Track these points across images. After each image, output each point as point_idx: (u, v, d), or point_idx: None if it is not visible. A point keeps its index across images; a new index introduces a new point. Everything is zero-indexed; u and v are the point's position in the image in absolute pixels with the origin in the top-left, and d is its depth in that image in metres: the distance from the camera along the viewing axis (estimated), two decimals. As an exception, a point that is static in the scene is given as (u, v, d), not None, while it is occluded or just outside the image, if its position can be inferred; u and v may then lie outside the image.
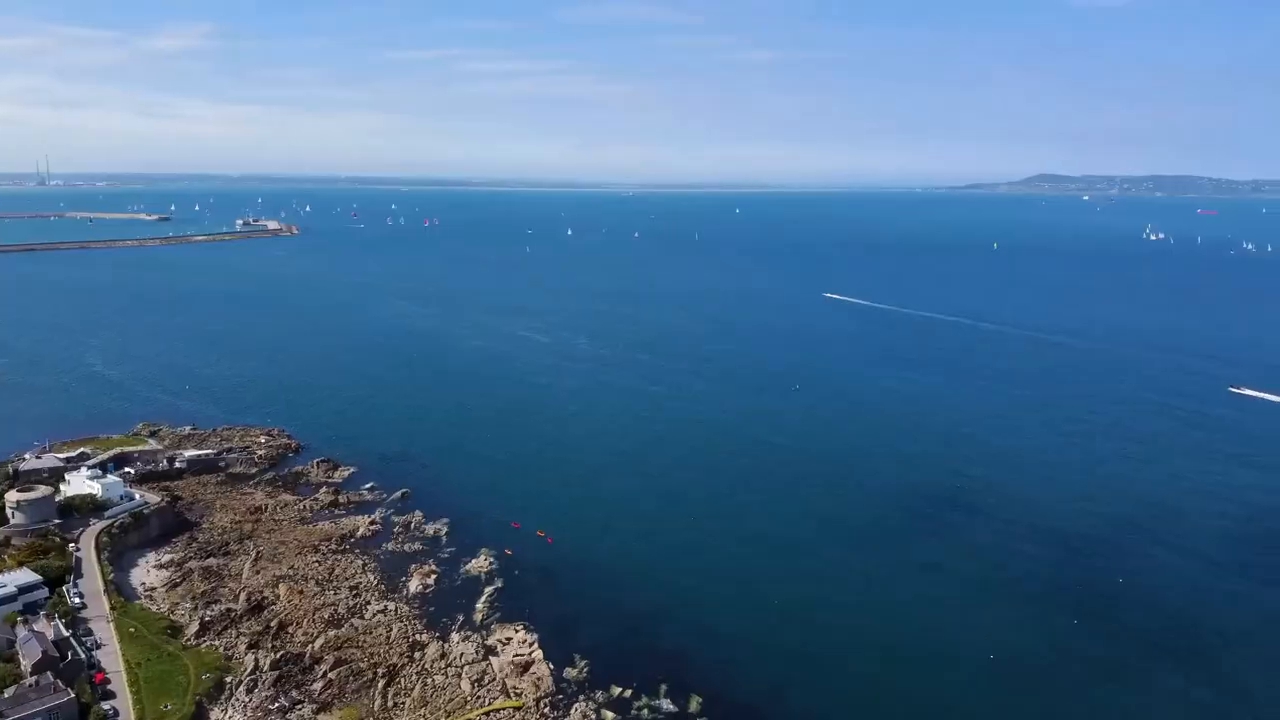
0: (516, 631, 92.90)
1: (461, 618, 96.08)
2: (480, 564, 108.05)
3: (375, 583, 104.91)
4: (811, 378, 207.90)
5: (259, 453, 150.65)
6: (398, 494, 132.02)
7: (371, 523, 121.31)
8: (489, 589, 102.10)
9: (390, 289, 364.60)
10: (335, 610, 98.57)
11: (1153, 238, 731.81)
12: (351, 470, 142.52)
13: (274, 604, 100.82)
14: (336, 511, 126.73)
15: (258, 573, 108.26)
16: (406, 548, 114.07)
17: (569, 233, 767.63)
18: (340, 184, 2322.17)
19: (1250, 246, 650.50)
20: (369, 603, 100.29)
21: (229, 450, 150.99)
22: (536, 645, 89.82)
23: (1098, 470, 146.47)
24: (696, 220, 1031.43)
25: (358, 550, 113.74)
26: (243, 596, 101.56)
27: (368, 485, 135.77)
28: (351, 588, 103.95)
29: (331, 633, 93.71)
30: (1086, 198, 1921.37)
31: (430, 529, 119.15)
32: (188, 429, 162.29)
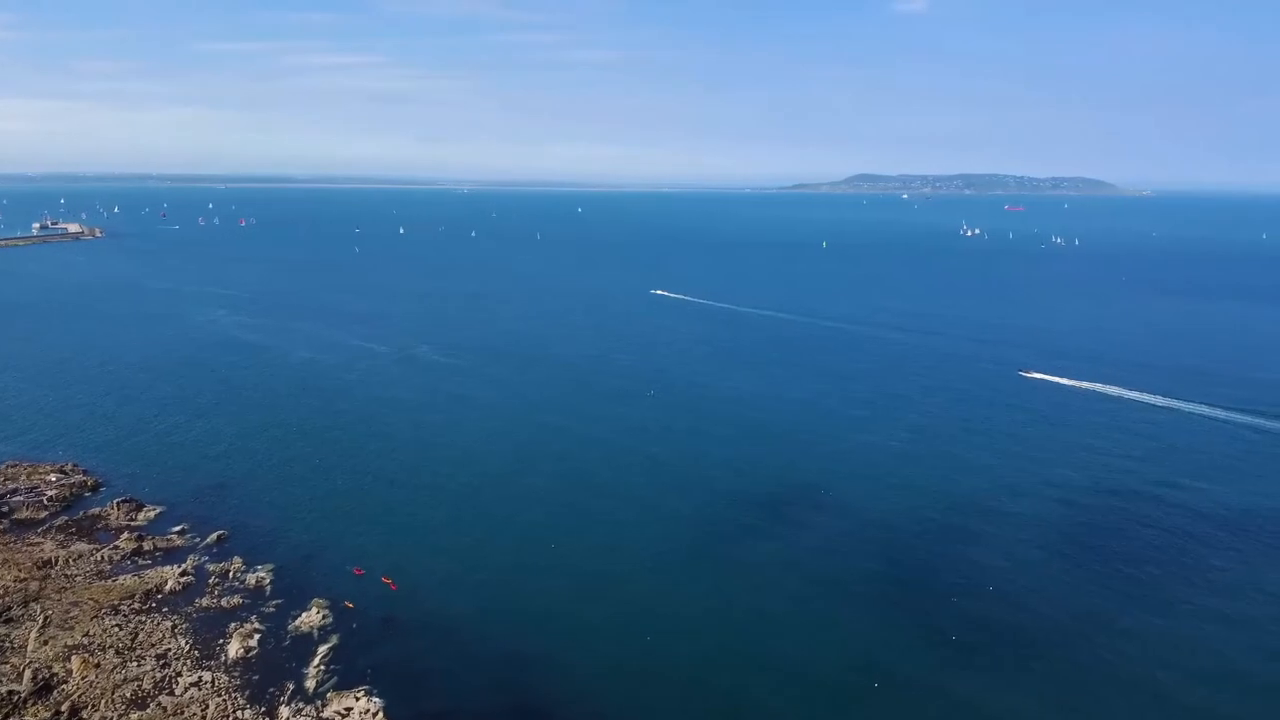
0: (357, 699, 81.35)
1: (292, 686, 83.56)
2: (312, 618, 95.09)
3: (187, 648, 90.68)
4: (663, 381, 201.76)
5: (49, 493, 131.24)
6: (213, 536, 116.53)
7: (182, 573, 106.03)
8: (323, 648, 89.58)
9: (202, 295, 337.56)
10: (139, 686, 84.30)
11: (969, 234, 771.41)
12: (159, 510, 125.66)
13: (65, 682, 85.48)
14: (141, 561, 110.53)
15: (46, 643, 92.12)
16: (224, 602, 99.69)
17: (401, 231, 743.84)
18: (151, 182, 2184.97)
19: (1059, 240, 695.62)
20: (180, 674, 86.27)
21: (13, 492, 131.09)
22: (381, 714, 78.76)
23: (921, 464, 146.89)
24: (538, 219, 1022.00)
25: (166, 609, 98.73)
26: (28, 674, 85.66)
27: (177, 527, 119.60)
28: (159, 656, 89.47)
29: (135, 715, 79.77)
30: (906, 195, 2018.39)
31: (251, 578, 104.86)
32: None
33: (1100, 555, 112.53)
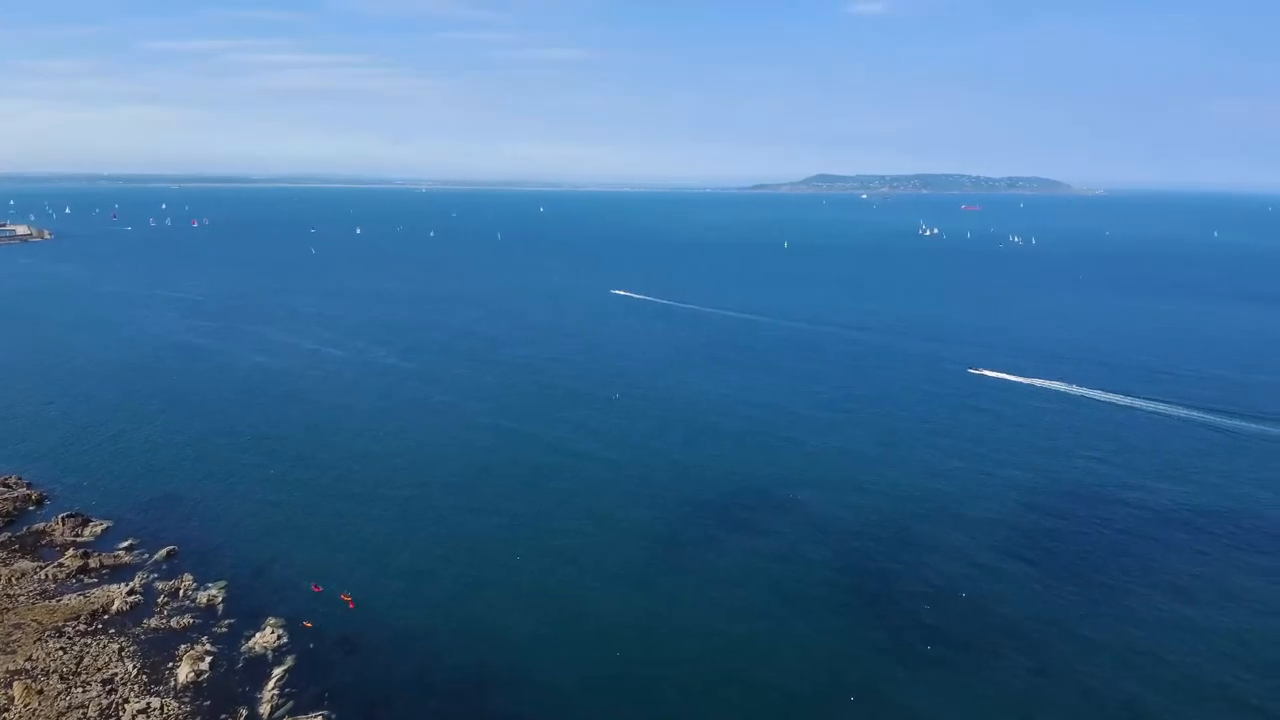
0: (313, 724, 78.62)
1: (245, 712, 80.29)
2: (266, 638, 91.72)
3: (135, 673, 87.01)
4: (624, 384, 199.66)
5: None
6: (162, 552, 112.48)
7: (130, 592, 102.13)
8: (278, 670, 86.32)
9: (153, 299, 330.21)
10: (84, 714, 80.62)
11: (927, 233, 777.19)
12: (106, 524, 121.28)
13: (6, 710, 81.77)
14: (87, 580, 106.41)
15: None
16: (174, 623, 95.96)
17: (358, 231, 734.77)
18: (103, 183, 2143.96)
19: (1017, 240, 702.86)
20: (127, 700, 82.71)
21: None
22: (338, 739, 76.23)
23: (880, 466, 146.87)
24: (499, 218, 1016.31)
25: (113, 630, 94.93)
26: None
27: (125, 543, 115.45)
28: (105, 682, 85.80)
29: (78, 745, 76.49)
30: (864, 195, 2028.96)
31: (203, 596, 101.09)
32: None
33: (1060, 559, 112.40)
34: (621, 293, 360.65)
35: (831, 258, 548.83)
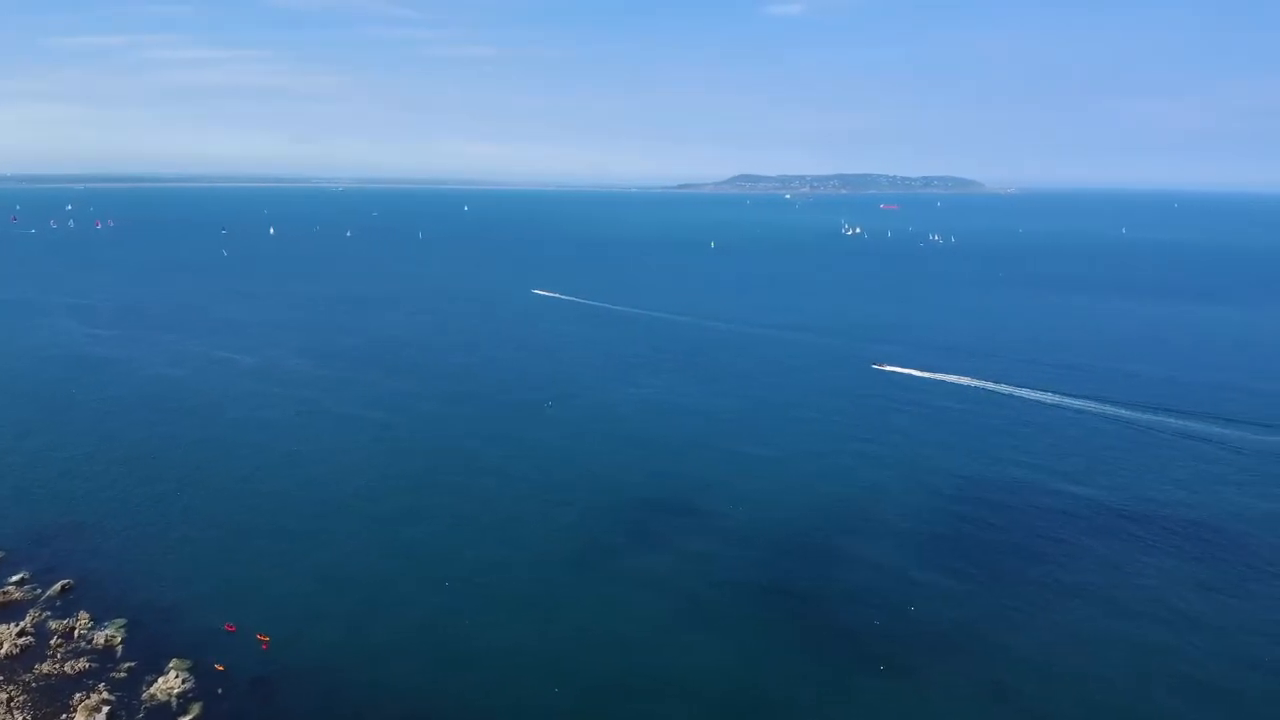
0: (222, 780, 72.29)
1: (145, 768, 73.82)
2: (171, 683, 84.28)
3: (22, 726, 79.48)
4: (552, 391, 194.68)
5: None
6: (56, 587, 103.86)
7: (20, 633, 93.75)
8: (184, 719, 79.66)
9: (53, 306, 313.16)
10: (-39, 776, 73.39)
11: (850, 233, 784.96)
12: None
13: None
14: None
15: None
16: (68, 667, 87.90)
17: (272, 231, 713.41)
18: (6, 184, 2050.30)
19: (937, 238, 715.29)
20: (12, 759, 75.51)
21: None
22: (250, 795, 70.05)
23: (799, 471, 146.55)
24: (421, 217, 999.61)
25: (1, 677, 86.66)
26: None
27: (16, 577, 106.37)
28: (-13, 738, 78.33)
29: (-46, 813, 68.99)
30: (788, 195, 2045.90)
31: (101, 637, 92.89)
32: None
33: (987, 568, 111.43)
34: (544, 293, 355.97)
35: (759, 258, 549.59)
